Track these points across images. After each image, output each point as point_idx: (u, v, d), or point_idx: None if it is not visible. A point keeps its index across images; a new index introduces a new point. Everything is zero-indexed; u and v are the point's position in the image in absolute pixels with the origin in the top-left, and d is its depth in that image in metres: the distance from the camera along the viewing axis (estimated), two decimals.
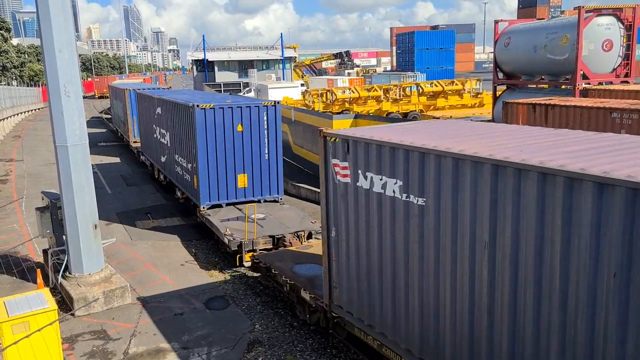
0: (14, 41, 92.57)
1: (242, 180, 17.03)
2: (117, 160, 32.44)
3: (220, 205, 17.06)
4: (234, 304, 12.75)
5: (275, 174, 17.41)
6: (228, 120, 16.65)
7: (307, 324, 11.56)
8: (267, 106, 17.04)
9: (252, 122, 16.86)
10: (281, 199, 17.64)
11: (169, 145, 20.62)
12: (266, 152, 17.14)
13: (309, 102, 40.48)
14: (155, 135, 23.03)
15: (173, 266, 15.22)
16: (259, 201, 17.19)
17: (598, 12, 25.25)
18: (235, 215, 16.29)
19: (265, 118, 16.91)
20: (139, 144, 28.65)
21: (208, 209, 16.85)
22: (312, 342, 10.91)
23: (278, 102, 17.50)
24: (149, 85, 39.61)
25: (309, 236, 14.78)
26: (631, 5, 25.80)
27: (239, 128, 16.75)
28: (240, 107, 16.77)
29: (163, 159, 22.10)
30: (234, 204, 17.18)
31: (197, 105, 16.33)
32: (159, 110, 21.51)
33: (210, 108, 16.38)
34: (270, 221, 15.54)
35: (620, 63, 25.73)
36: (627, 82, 25.49)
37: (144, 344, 11.00)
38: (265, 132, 17.01)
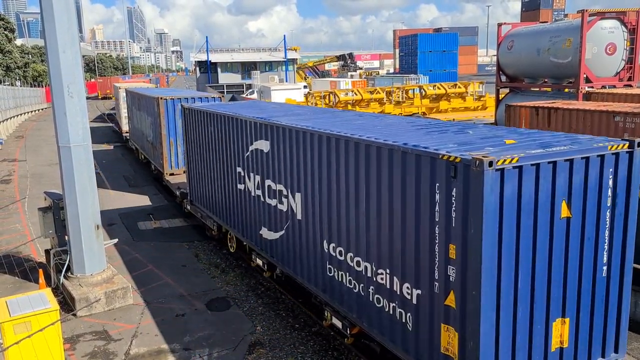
0: (18, 42, 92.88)
1: (559, 332, 7.27)
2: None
3: None
4: (236, 305, 12.75)
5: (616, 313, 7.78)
6: (541, 190, 6.69)
7: (309, 326, 11.57)
8: (617, 153, 7.19)
9: (588, 193, 7.09)
10: None
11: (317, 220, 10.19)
12: (605, 262, 7.47)
13: (312, 104, 40.49)
14: (245, 191, 13.29)
15: (175, 267, 15.23)
16: None
17: (602, 15, 25.22)
18: None
19: (610, 182, 7.25)
20: (180, 179, 21.19)
21: None
22: (314, 344, 10.90)
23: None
24: (181, 92, 26.59)
25: None
26: (635, 9, 25.77)
27: (564, 210, 6.96)
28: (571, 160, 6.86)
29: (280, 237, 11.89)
30: None
31: (483, 162, 6.11)
32: (262, 146, 11.98)
33: (515, 167, 6.36)
34: None
35: (624, 66, 25.73)
36: (630, 85, 25.47)
37: (146, 345, 11.01)
38: (608, 216, 7.36)
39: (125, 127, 36.55)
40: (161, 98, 21.63)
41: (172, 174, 22.19)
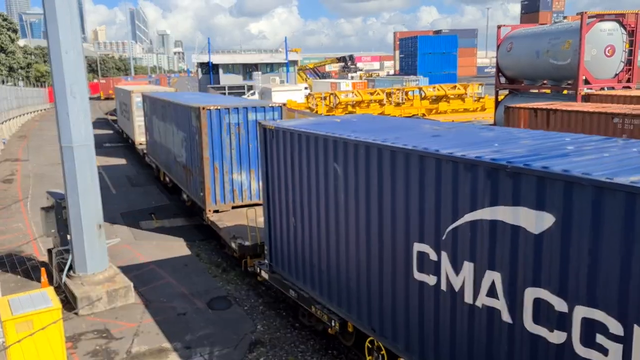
0: (21, 42, 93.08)
1: None
2: None
3: None
4: (237, 304, 12.85)
5: None
6: None
7: (309, 326, 11.66)
8: None
9: None
10: None
11: None
12: None
13: (313, 105, 40.62)
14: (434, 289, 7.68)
15: (176, 266, 15.33)
16: None
17: (601, 17, 25.33)
18: None
19: None
20: (229, 219, 16.02)
21: None
22: (314, 343, 11.00)
23: None
24: (224, 100, 20.80)
25: None
26: (634, 11, 25.89)
27: None
28: None
29: None
30: None
31: None
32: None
33: None
34: None
35: (623, 68, 25.84)
36: (629, 87, 25.57)
37: (147, 344, 11.11)
38: None
39: (138, 137, 31.36)
40: (203, 108, 15.84)
41: (216, 211, 16.49)
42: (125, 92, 34.88)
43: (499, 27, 31.32)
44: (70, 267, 13.47)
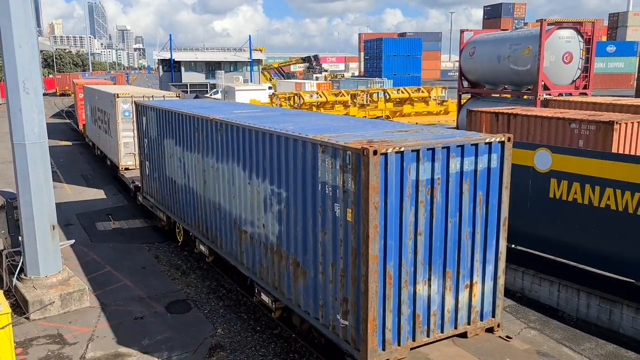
0: None
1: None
2: None
3: None
4: (196, 307, 12.58)
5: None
6: None
7: (270, 328, 11.51)
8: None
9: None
10: None
11: None
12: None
13: (277, 105, 40.39)
14: None
15: (134, 269, 14.93)
16: None
17: (559, 25, 26.01)
18: None
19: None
20: None
21: None
22: (275, 346, 10.85)
23: None
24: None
25: None
26: (591, 20, 26.67)
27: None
28: None
29: None
30: None
31: None
32: None
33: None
34: None
35: (580, 75, 26.57)
36: (585, 93, 26.32)
37: (102, 349, 10.75)
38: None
39: (124, 159, 22.78)
40: (369, 149, 7.29)
41: None
42: (104, 95, 25.07)
43: (462, 31, 31.79)
44: (22, 270, 12.96)
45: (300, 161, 8.92)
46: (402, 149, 7.63)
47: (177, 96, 23.66)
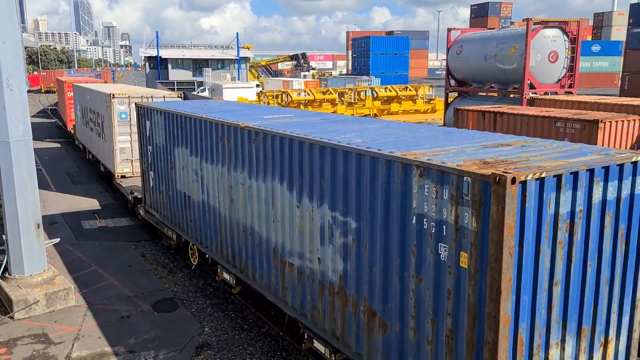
0: None
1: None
2: None
3: None
4: (183, 306, 12.52)
5: None
6: None
7: (257, 327, 11.49)
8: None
9: None
10: None
11: None
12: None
13: (265, 103, 40.31)
14: None
15: (120, 267, 14.82)
16: None
17: (545, 24, 26.21)
18: None
19: None
20: None
21: None
22: (262, 345, 10.84)
23: None
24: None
25: None
26: (576, 19, 26.92)
27: None
28: None
29: None
30: None
31: None
32: None
33: None
34: None
35: (565, 74, 26.82)
36: (570, 92, 26.57)
37: (88, 348, 10.66)
38: None
39: (119, 166, 20.57)
40: (505, 174, 5.45)
41: None
42: (98, 94, 22.64)
43: (449, 30, 31.93)
44: (6, 269, 12.82)
45: (381, 185, 7.14)
46: (542, 175, 5.82)
47: (179, 97, 21.68)
